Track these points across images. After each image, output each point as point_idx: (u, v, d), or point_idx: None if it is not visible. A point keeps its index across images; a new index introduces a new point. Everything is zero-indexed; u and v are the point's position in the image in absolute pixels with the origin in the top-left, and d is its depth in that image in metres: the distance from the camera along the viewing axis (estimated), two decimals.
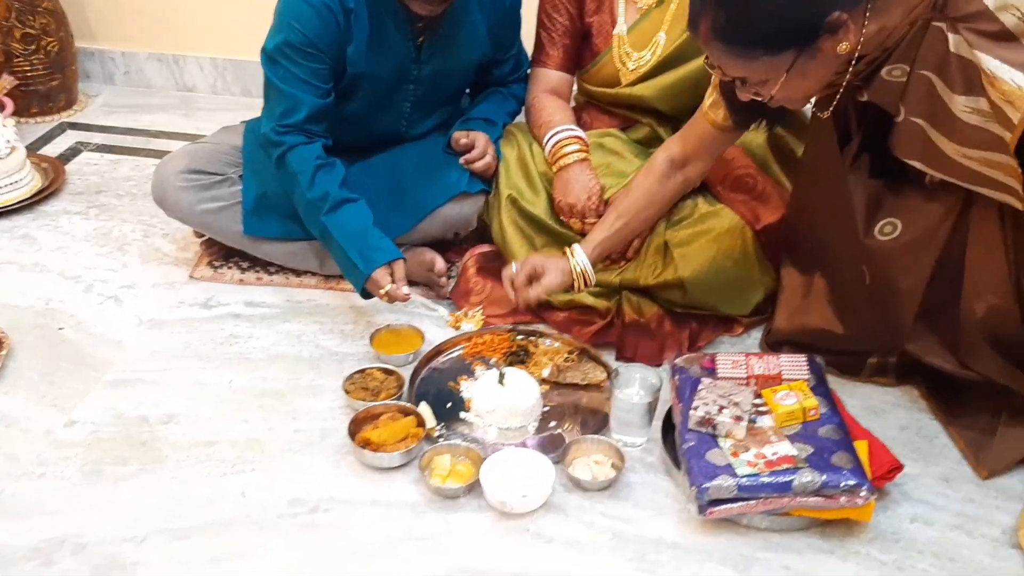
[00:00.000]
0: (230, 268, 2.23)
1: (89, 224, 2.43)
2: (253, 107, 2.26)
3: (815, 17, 1.41)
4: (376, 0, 1.96)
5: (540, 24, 2.19)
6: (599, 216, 2.04)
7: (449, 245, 2.26)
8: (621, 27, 2.10)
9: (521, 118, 2.29)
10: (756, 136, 2.02)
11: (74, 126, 2.99)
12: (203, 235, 2.27)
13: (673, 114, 2.11)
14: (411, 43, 2.04)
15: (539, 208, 2.10)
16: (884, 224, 1.71)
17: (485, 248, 2.20)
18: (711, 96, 1.79)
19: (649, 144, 2.15)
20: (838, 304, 1.90)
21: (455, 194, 2.14)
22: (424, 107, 2.19)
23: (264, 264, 2.24)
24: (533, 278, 1.92)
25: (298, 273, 2.22)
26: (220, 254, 2.27)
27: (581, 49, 2.19)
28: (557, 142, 2.08)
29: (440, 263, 2.12)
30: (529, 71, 2.27)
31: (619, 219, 1.94)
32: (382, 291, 1.92)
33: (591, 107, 2.25)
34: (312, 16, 1.91)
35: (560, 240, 2.08)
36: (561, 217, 2.08)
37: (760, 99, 1.55)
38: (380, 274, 1.92)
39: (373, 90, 2.08)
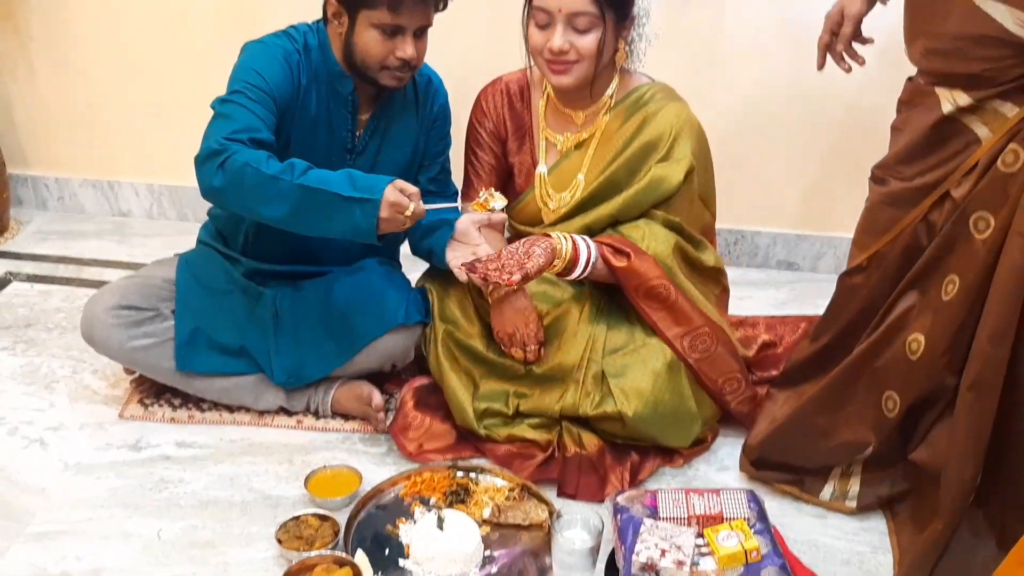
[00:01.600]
0: (161, 406, 2.18)
1: (16, 360, 2.36)
2: (190, 232, 2.25)
3: None
4: (326, 85, 2.00)
5: (467, 160, 2.22)
6: (540, 343, 2.04)
7: (386, 376, 2.23)
8: (542, 168, 2.14)
9: None
10: (663, 246, 2.02)
11: (4, 255, 2.93)
12: (134, 371, 2.21)
13: None
14: (350, 133, 2.07)
15: (476, 339, 2.09)
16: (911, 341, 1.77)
17: (423, 381, 2.18)
18: None
19: None
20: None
21: (393, 326, 2.10)
22: None
23: (197, 400, 2.18)
24: None
25: (231, 409, 2.17)
26: (152, 391, 2.21)
27: (507, 186, 2.22)
28: None
29: (377, 397, 2.09)
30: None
31: None
32: (407, 212, 1.75)
33: None
34: (278, 69, 1.93)
35: (498, 371, 2.06)
36: (503, 348, 2.07)
37: None
38: (394, 194, 1.75)
39: None
